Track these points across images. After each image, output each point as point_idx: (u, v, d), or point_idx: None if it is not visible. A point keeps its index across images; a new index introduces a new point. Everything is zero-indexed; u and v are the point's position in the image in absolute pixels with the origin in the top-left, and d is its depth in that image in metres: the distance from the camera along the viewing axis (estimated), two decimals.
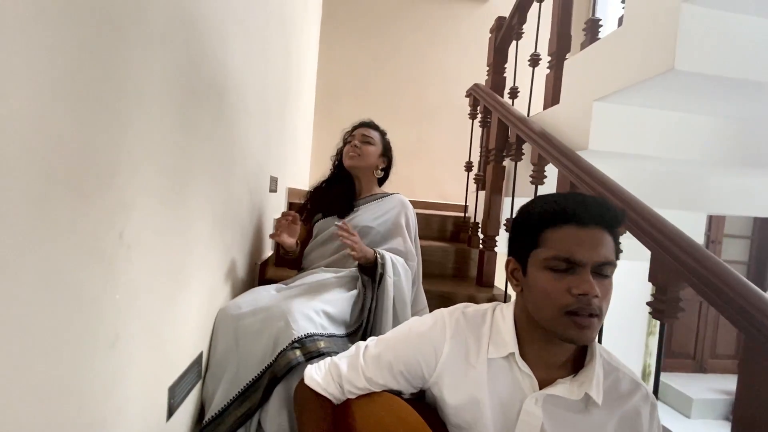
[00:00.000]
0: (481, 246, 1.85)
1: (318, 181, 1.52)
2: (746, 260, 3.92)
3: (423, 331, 0.74)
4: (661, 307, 0.82)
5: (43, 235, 0.40)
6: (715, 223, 3.85)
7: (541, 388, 0.65)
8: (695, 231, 1.93)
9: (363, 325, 1.13)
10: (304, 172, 2.92)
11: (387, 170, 1.50)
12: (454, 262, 2.01)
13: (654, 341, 3.65)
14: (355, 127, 1.47)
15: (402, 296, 1.20)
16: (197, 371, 0.91)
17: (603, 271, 0.60)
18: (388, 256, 1.24)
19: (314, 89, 3.15)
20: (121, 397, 0.59)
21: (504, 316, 0.70)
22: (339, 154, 1.47)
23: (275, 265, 1.70)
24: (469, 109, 2.19)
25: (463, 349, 0.70)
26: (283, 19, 1.66)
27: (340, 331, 1.08)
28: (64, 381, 0.46)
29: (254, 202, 1.37)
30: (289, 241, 1.27)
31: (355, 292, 1.19)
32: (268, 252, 1.67)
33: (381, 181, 1.51)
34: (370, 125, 1.48)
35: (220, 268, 1.04)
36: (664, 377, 3.64)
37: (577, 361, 0.67)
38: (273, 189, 1.69)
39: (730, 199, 1.71)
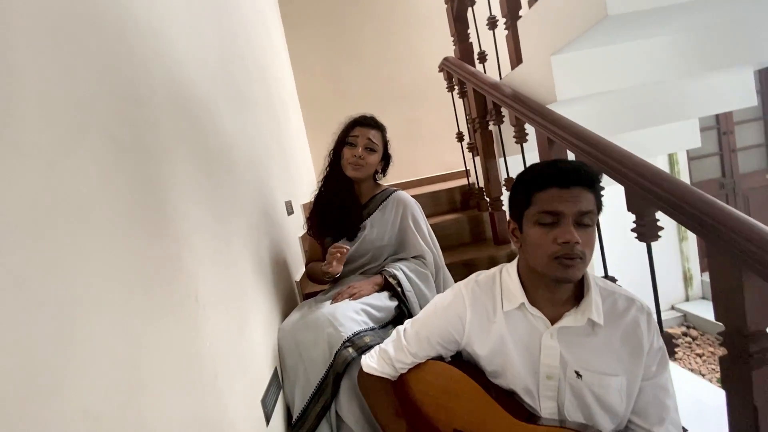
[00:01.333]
0: (489, 209, 1.97)
1: (317, 189, 1.47)
2: (762, 142, 3.85)
3: (447, 305, 0.89)
4: (642, 230, 0.94)
5: (148, 314, 0.58)
6: (723, 116, 3.78)
7: (552, 325, 0.79)
8: (690, 137, 1.98)
9: (399, 314, 1.29)
10: (311, 182, 3.09)
11: (385, 168, 1.51)
12: (469, 229, 2.14)
13: (687, 245, 3.70)
14: (354, 124, 1.39)
15: (426, 299, 1.30)
16: (277, 384, 1.11)
17: (584, 221, 0.72)
18: (399, 273, 1.31)
19: (297, 100, 3.27)
20: (232, 415, 0.77)
21: (510, 273, 0.85)
22: (335, 154, 1.41)
23: (310, 280, 1.66)
24: (446, 83, 2.27)
25: (483, 311, 0.85)
26: (258, 60, 1.79)
27: (380, 323, 1.25)
28: (191, 412, 0.64)
29: (279, 232, 1.54)
30: (339, 270, 1.30)
31: (384, 293, 1.33)
32: (301, 269, 1.85)
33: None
34: (372, 124, 1.39)
35: (269, 298, 1.23)
36: (707, 277, 3.68)
37: (578, 295, 0.80)
38: (290, 212, 1.86)
39: (713, 99, 1.75)
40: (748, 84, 1.75)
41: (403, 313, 1.32)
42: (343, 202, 1.42)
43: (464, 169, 2.42)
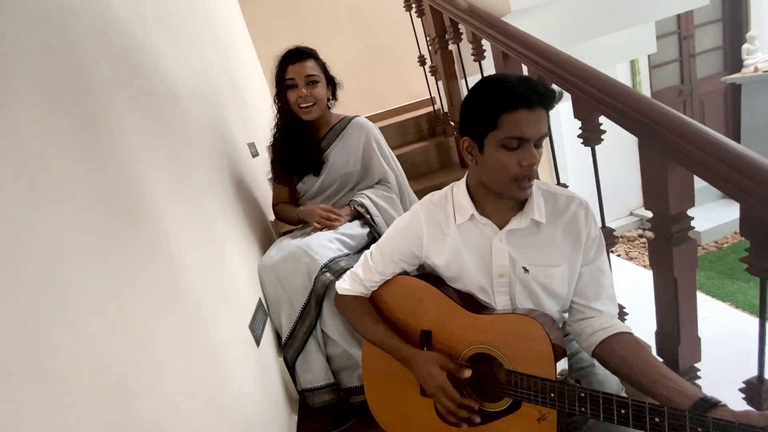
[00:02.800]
0: (455, 133, 1.99)
1: (272, 137, 1.45)
2: (721, 44, 3.90)
3: (405, 225, 0.96)
4: (587, 135, 1.00)
5: (124, 252, 0.61)
6: (684, 19, 3.76)
7: (501, 230, 0.87)
8: (647, 40, 1.99)
9: (371, 240, 1.37)
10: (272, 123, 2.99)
11: (334, 92, 1.44)
12: (436, 155, 2.18)
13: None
14: (285, 64, 1.32)
15: (393, 220, 1.36)
16: (263, 311, 1.20)
17: (540, 143, 0.77)
18: (366, 200, 1.38)
19: (249, 38, 3.04)
20: (220, 339, 0.85)
21: (460, 189, 0.91)
22: (281, 99, 1.37)
23: (279, 220, 1.66)
24: (402, 2, 2.15)
25: (437, 226, 0.92)
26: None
27: (354, 250, 1.33)
28: (181, 340, 0.71)
29: (245, 173, 1.53)
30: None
31: (356, 221, 1.39)
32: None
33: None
34: (303, 55, 1.32)
35: (243, 235, 1.27)
36: None
37: (521, 201, 0.88)
38: (255, 153, 1.83)
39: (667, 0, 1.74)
40: None
41: (375, 239, 1.39)
42: (302, 143, 1.40)
43: (429, 96, 2.39)
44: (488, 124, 0.76)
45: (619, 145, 2.95)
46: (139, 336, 0.58)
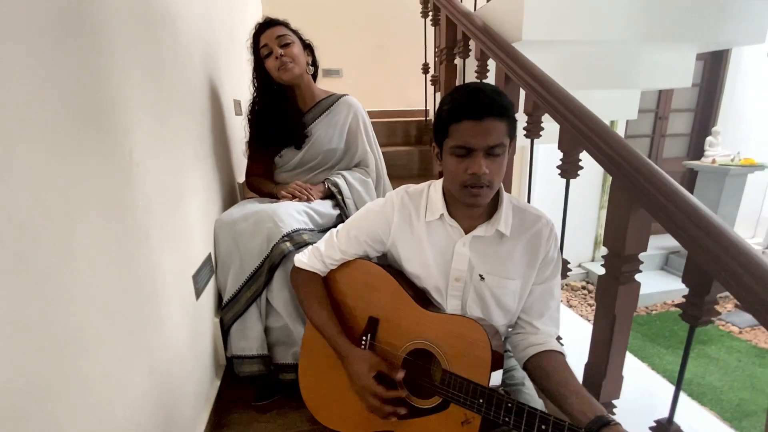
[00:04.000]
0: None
1: (250, 107, 1.42)
2: (689, 132, 4.27)
3: (377, 210, 0.96)
4: (566, 167, 1.05)
5: (77, 159, 0.56)
6: (663, 100, 4.09)
7: (466, 234, 0.89)
8: (629, 107, 2.14)
9: (339, 222, 1.35)
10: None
11: (314, 62, 1.43)
12: (418, 162, 2.20)
13: (604, 214, 4.13)
14: (256, 35, 1.33)
15: (364, 204, 1.34)
16: (210, 267, 1.14)
17: (494, 152, 0.78)
18: (341, 181, 1.37)
19: (260, 8, 2.96)
20: (161, 279, 0.80)
21: (436, 188, 0.92)
22: (258, 72, 1.36)
23: (250, 190, 1.56)
24: (420, 7, 2.18)
25: (408, 217, 0.93)
26: None
27: (320, 228, 1.30)
28: (122, 263, 0.65)
29: (224, 126, 1.47)
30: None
31: (328, 201, 1.37)
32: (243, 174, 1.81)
33: (314, 76, 1.45)
34: (271, 23, 1.33)
35: (208, 185, 1.21)
36: None
37: (492, 210, 0.90)
38: (238, 112, 1.77)
39: (656, 74, 1.89)
40: (689, 65, 1.90)
41: (343, 221, 1.37)
42: (284, 114, 1.38)
43: (424, 108, 2.42)
44: (443, 132, 0.80)
45: (578, 203, 3.13)
46: (77, 244, 0.53)
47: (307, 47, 1.40)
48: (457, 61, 1.86)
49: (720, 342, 3.10)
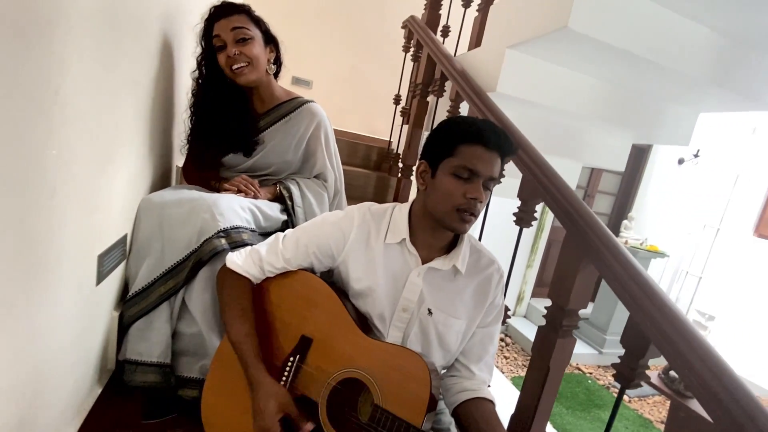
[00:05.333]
0: (399, 174, 2.03)
1: (193, 98, 1.21)
2: (609, 213, 4.80)
3: (335, 221, 0.89)
4: (521, 216, 1.07)
5: None
6: (593, 180, 4.59)
7: (423, 264, 0.85)
8: (570, 177, 2.34)
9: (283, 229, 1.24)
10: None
11: (278, 58, 1.25)
12: (374, 187, 2.18)
13: (530, 272, 4.42)
14: (210, 21, 1.12)
15: (314, 217, 1.22)
16: (122, 250, 0.97)
17: (489, 185, 0.79)
18: (294, 187, 1.25)
19: None
20: (58, 248, 0.64)
21: (401, 211, 0.89)
22: (208, 63, 1.16)
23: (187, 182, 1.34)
24: (403, 41, 2.25)
25: (366, 235, 0.87)
26: None
27: (262, 230, 1.18)
28: (11, 214, 0.51)
29: (172, 103, 1.33)
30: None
31: (277, 204, 1.25)
32: (182, 160, 1.63)
33: (276, 73, 1.27)
34: (229, 10, 1.11)
35: (144, 156, 1.06)
36: (534, 302, 4.48)
37: (451, 245, 0.88)
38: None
39: (598, 153, 2.10)
40: (625, 151, 2.14)
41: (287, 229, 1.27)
42: (234, 113, 1.20)
43: (388, 140, 2.44)
44: (446, 150, 0.79)
45: (508, 259, 3.30)
46: None
47: (271, 41, 1.22)
48: (430, 98, 1.91)
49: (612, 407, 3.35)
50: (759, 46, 1.32)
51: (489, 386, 0.90)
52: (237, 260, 0.90)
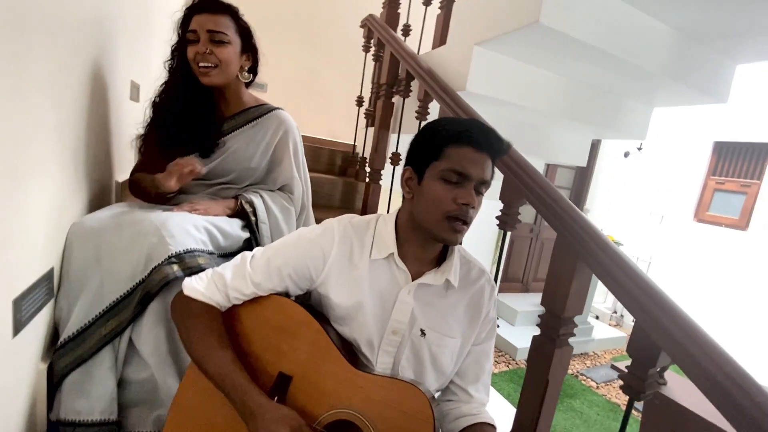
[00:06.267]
0: (367, 179, 1.94)
1: (155, 98, 1.12)
2: None
3: (312, 238, 0.78)
4: (505, 219, 1.02)
5: None
6: (550, 175, 4.75)
7: (413, 281, 0.77)
8: None
9: (245, 248, 1.11)
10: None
11: (255, 67, 1.18)
12: (341, 194, 2.08)
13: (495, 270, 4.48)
14: (190, 13, 1.05)
15: (282, 235, 1.13)
16: (48, 288, 0.79)
17: (480, 189, 0.72)
18: (258, 200, 1.14)
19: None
20: None
21: (386, 223, 0.79)
22: (179, 55, 1.08)
23: (132, 193, 1.20)
24: (362, 41, 2.16)
25: (348, 253, 0.77)
26: None
27: (221, 251, 1.04)
28: None
29: (107, 110, 1.15)
30: (174, 187, 1.01)
31: (237, 220, 1.12)
32: (126, 174, 1.44)
33: (250, 80, 1.21)
34: (212, 7, 1.04)
35: (70, 176, 0.88)
36: (502, 297, 4.56)
37: (441, 257, 0.80)
38: (134, 98, 1.44)
39: (561, 149, 2.13)
40: (585, 148, 2.19)
41: (251, 248, 1.14)
42: (197, 111, 1.11)
43: (351, 143, 2.35)
44: (432, 154, 0.72)
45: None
46: None
47: (250, 50, 1.14)
48: (396, 99, 1.84)
49: (582, 396, 3.45)
50: (713, 42, 1.36)
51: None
52: (197, 286, 0.76)
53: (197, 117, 1.11)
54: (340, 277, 0.77)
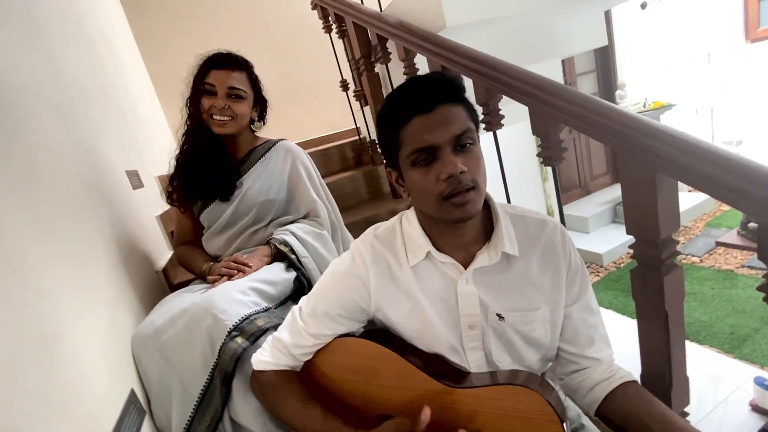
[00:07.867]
0: (384, 161, 1.83)
1: (177, 149, 1.17)
2: (597, 91, 4.54)
3: (345, 270, 0.73)
4: (548, 153, 0.88)
5: None
6: (567, 67, 4.31)
7: (465, 269, 0.68)
8: (555, 77, 2.12)
9: (299, 286, 1.08)
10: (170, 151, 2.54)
11: (263, 114, 1.23)
12: (365, 185, 1.99)
13: (549, 186, 4.22)
14: (208, 67, 1.09)
15: (326, 263, 1.12)
16: (137, 409, 0.80)
17: (463, 141, 0.61)
18: (290, 238, 1.12)
19: (139, 56, 2.60)
20: None
21: (411, 222, 0.71)
22: (193, 104, 1.11)
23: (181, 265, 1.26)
24: (321, 23, 2.00)
25: (386, 269, 0.70)
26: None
27: (277, 300, 1.02)
28: None
29: (120, 207, 1.14)
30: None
31: (277, 263, 1.10)
32: (165, 254, 1.46)
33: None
34: (232, 64, 1.09)
35: (107, 293, 0.88)
36: (567, 209, 4.31)
37: (487, 229, 0.70)
38: (137, 184, 1.43)
39: (574, 38, 1.87)
40: (600, 24, 1.90)
41: (303, 285, 1.10)
42: (212, 162, 1.14)
43: (354, 126, 2.23)
44: (393, 145, 0.64)
45: (517, 181, 3.11)
46: None
47: (260, 102, 1.19)
48: (379, 68, 1.69)
49: (688, 275, 3.20)
50: None
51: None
52: (263, 357, 0.76)
53: (213, 162, 1.15)
54: (390, 297, 0.70)
